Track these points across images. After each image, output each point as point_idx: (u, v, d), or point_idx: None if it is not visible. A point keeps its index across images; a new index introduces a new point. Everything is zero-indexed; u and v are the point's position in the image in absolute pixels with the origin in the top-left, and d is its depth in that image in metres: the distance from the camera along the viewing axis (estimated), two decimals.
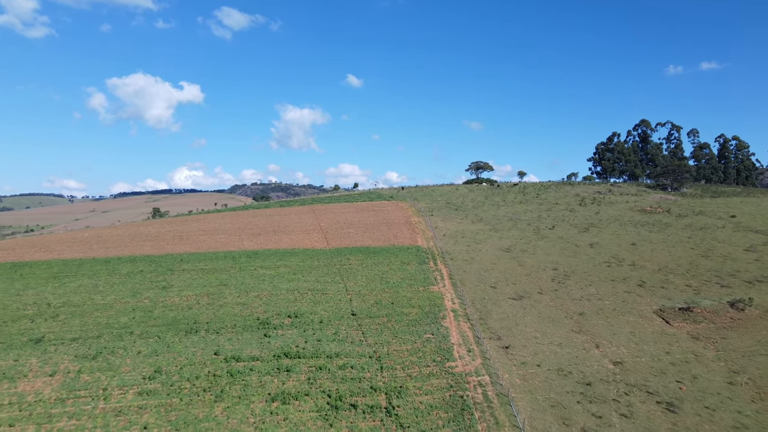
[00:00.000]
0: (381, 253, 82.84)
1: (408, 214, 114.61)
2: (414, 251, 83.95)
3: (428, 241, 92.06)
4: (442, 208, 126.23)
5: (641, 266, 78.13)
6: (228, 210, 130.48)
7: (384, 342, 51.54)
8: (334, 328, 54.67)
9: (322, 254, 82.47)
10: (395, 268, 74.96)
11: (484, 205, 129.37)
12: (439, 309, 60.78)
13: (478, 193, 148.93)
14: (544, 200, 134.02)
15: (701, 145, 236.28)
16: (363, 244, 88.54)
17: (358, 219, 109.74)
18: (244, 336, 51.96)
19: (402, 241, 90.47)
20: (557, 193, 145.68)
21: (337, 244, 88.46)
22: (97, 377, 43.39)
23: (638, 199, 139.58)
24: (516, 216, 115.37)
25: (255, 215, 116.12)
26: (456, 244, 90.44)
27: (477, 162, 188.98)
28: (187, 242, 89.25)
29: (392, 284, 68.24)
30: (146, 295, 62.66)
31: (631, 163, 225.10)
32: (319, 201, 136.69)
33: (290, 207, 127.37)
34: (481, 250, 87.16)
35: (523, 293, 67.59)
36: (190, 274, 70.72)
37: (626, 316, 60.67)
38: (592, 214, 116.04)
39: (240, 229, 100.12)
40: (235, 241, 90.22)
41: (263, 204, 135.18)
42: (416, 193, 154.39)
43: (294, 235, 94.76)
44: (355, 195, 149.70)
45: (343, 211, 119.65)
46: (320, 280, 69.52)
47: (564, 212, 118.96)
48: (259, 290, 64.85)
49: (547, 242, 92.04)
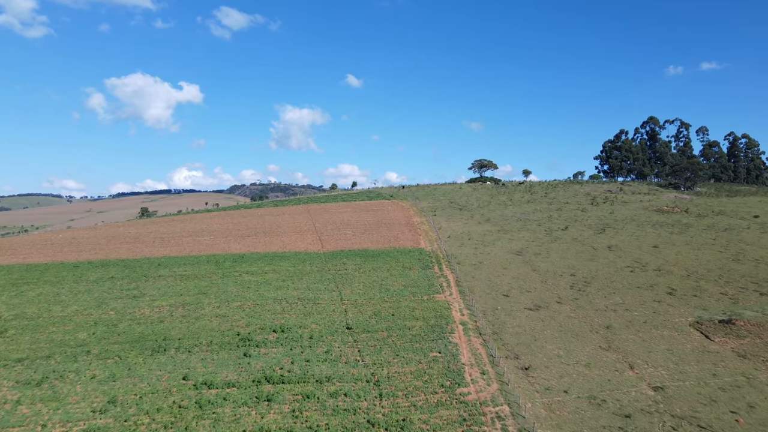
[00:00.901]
0: (380, 256, 75.48)
1: (409, 214, 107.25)
2: (417, 255, 76.57)
3: (432, 243, 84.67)
4: (445, 207, 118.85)
5: (668, 271, 70.78)
6: (218, 210, 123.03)
7: (384, 362, 44.18)
8: (326, 344, 47.28)
9: (316, 258, 75.07)
10: (396, 274, 67.59)
11: (490, 204, 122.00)
12: (447, 321, 53.43)
13: (482, 192, 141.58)
14: (553, 200, 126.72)
15: (711, 144, 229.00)
16: (361, 246, 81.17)
17: (355, 219, 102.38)
18: (221, 355, 44.54)
19: (403, 243, 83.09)
20: (566, 192, 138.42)
21: (332, 247, 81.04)
22: (37, 410, 35.93)
23: (652, 198, 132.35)
24: (525, 216, 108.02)
25: (246, 215, 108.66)
26: (462, 247, 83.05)
27: (480, 160, 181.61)
28: (168, 245, 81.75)
29: (393, 292, 60.89)
30: (113, 305, 55.21)
31: (639, 161, 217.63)
32: (314, 200, 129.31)
33: (284, 207, 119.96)
34: (490, 253, 79.78)
35: (540, 302, 60.20)
36: (166, 281, 63.25)
37: (659, 329, 53.28)
38: (605, 214, 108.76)
39: (228, 231, 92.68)
40: (220, 243, 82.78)
41: (256, 204, 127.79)
42: (417, 192, 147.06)
43: (286, 236, 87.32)
44: (353, 194, 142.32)
45: (339, 210, 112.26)
46: (312, 288, 62.12)
47: (576, 212, 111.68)
48: (242, 300, 57.42)
49: (561, 244, 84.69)
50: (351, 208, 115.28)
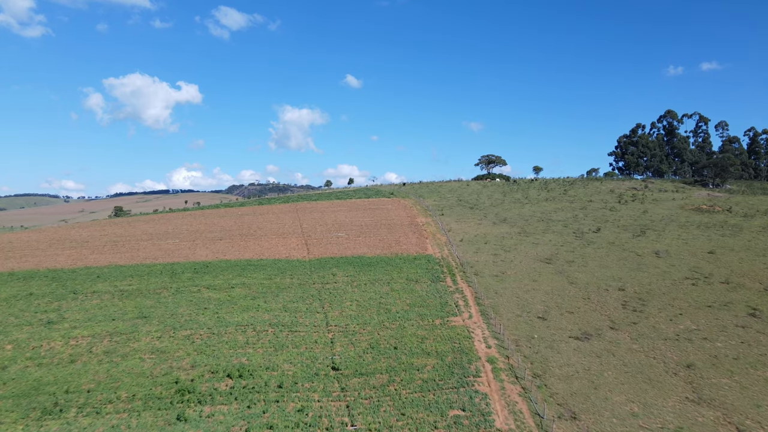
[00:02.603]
0: (379, 265, 61.18)
1: (413, 214, 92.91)
2: (424, 263, 62.28)
3: (442, 248, 70.31)
4: (453, 206, 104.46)
5: (739, 284, 56.48)
6: (195, 209, 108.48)
7: (383, 426, 29.97)
8: (302, 398, 33.00)
9: (299, 267, 60.72)
10: (399, 289, 53.30)
11: (504, 202, 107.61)
12: (469, 357, 39.18)
13: (493, 190, 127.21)
14: (574, 197, 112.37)
15: (730, 139, 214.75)
16: (355, 252, 66.83)
17: (350, 219, 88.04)
18: (142, 420, 30.20)
19: (407, 248, 68.77)
20: (586, 189, 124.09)
21: (320, 253, 66.67)
22: None
23: (683, 196, 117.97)
24: (546, 216, 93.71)
25: (223, 215, 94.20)
26: (479, 253, 68.69)
27: (488, 156, 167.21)
28: (119, 250, 67.33)
29: (395, 314, 46.60)
30: (15, 336, 40.81)
31: (656, 158, 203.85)
32: (305, 198, 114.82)
33: (270, 205, 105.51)
34: (513, 260, 65.45)
35: (588, 328, 45.88)
36: (100, 299, 48.85)
37: (758, 368, 38.97)
38: (638, 214, 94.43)
39: (198, 233, 78.24)
40: (185, 248, 68.35)
41: (238, 202, 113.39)
42: (421, 189, 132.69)
43: (265, 240, 72.90)
44: (349, 192, 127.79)
45: (332, 209, 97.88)
46: (290, 308, 47.79)
47: (603, 211, 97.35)
48: (193, 326, 43.06)
49: (596, 250, 70.39)
50: (346, 206, 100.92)
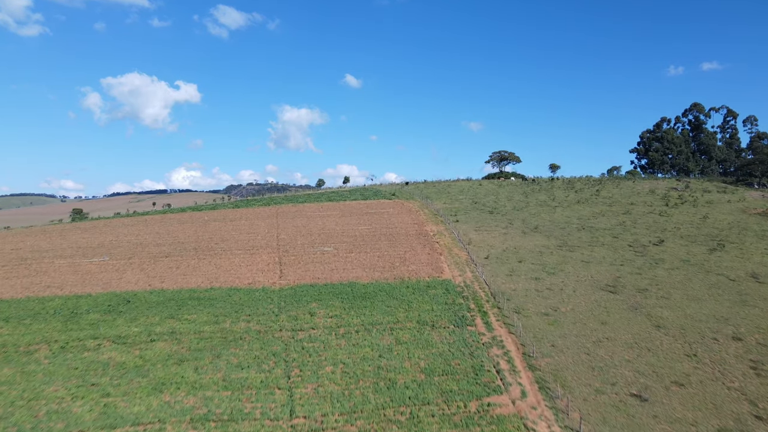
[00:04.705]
0: (378, 296, 43.06)
1: (420, 220, 74.78)
2: (441, 293, 44.16)
3: (462, 269, 52.12)
4: (468, 210, 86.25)
5: None
6: (156, 212, 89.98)
7: None
8: None
9: (263, 301, 42.54)
10: (408, 340, 35.20)
11: (529, 205, 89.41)
12: None
13: (511, 190, 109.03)
14: (610, 199, 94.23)
15: (759, 135, 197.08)
16: (346, 276, 48.68)
17: (342, 227, 69.92)
18: None
19: (416, 269, 50.62)
20: (621, 190, 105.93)
21: (296, 278, 48.49)
22: None
23: (737, 198, 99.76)
24: (586, 222, 75.58)
25: (186, 220, 75.93)
26: (513, 276, 50.53)
27: (500, 152, 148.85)
28: (18, 273, 49.17)
29: (403, 392, 28.53)
30: None
31: (682, 155, 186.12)
32: (291, 200, 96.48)
33: (246, 208, 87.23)
34: (564, 289, 47.29)
35: (724, 421, 27.74)
36: None
37: None
38: (697, 220, 76.37)
39: (141, 246, 59.99)
40: (112, 270, 50.17)
41: (210, 205, 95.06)
42: (426, 189, 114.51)
43: (226, 257, 54.70)
44: (344, 192, 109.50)
45: (321, 214, 79.68)
46: (234, 382, 29.64)
47: (653, 217, 79.29)
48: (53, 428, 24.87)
49: (670, 271, 52.33)
50: (338, 210, 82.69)
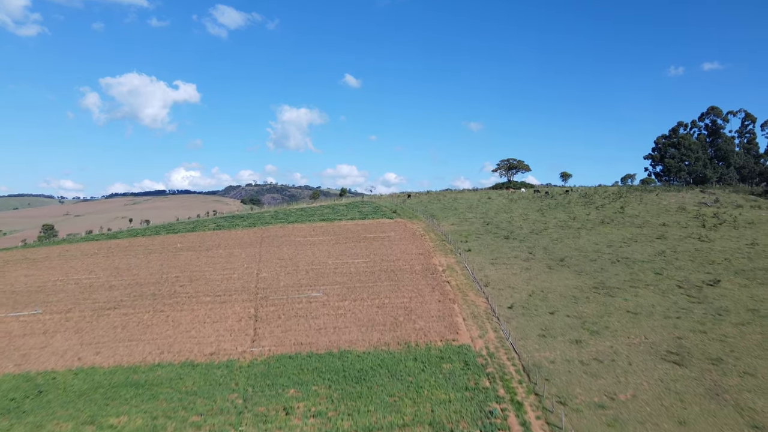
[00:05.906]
0: (376, 377, 32.68)
1: (426, 248, 64.42)
2: (459, 370, 33.77)
3: (482, 325, 41.67)
4: (481, 233, 75.78)
5: None
6: (125, 234, 79.07)
7: None
8: None
9: (224, 387, 32.10)
10: None
11: (548, 227, 78.96)
12: None
13: (525, 206, 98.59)
14: (637, 218, 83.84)
15: None
16: (336, 341, 38.27)
17: (335, 260, 59.54)
18: None
19: (425, 328, 40.21)
20: (645, 206, 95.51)
21: (273, 343, 38.06)
22: None
23: None
24: (619, 252, 65.20)
25: (153, 248, 65.31)
26: (548, 339, 40.12)
27: (509, 160, 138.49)
28: None
29: None
30: None
31: (700, 161, 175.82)
32: (280, 219, 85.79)
33: (229, 230, 76.67)
34: (616, 360, 36.91)
35: None
36: None
37: None
38: (745, 247, 66.04)
39: (89, 289, 49.40)
40: (37, 334, 39.63)
41: (190, 222, 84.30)
42: (431, 203, 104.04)
43: (189, 308, 44.24)
44: (341, 207, 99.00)
45: (311, 239, 69.22)
46: None
47: (692, 242, 68.94)
48: None
49: (741, 329, 42.02)
50: (332, 235, 72.28)
